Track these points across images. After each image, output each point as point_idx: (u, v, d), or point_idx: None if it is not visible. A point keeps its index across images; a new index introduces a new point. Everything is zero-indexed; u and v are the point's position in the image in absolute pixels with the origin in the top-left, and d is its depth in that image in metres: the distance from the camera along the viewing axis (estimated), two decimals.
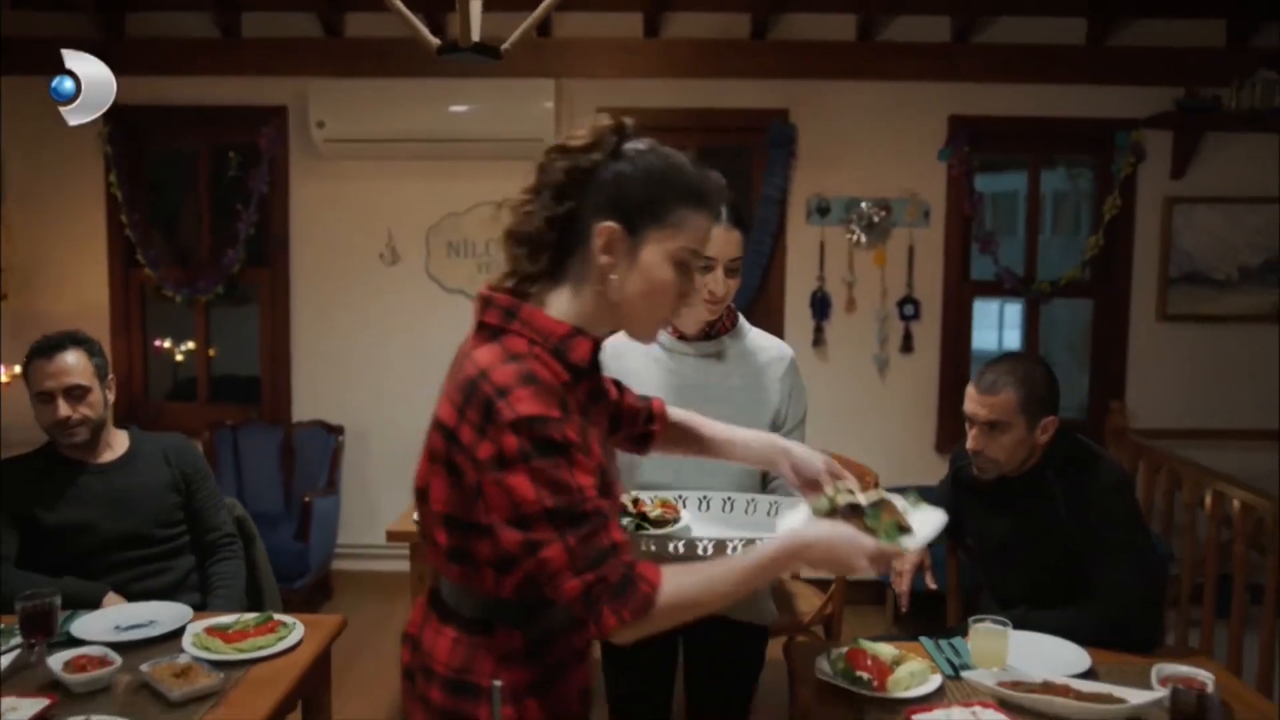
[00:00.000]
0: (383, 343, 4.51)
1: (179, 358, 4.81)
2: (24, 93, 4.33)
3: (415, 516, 1.40)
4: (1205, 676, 1.60)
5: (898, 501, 1.42)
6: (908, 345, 4.40)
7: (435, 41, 2.19)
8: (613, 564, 1.18)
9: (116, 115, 4.35)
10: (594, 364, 1.32)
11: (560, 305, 1.28)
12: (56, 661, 1.68)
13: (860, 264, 4.39)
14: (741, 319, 2.05)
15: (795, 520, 1.52)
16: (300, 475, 4.36)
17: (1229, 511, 3.10)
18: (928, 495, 2.51)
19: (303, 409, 4.52)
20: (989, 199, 4.96)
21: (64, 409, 2.21)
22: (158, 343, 4.75)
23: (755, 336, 2.04)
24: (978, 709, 1.58)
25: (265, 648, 1.82)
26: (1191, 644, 3.28)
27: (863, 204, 4.36)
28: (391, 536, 2.81)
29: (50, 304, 4.47)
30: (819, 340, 4.40)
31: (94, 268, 4.54)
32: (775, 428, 1.93)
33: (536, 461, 1.16)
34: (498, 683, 1.26)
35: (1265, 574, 2.95)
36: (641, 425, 1.57)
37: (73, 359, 2.25)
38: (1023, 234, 4.59)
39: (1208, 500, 3.23)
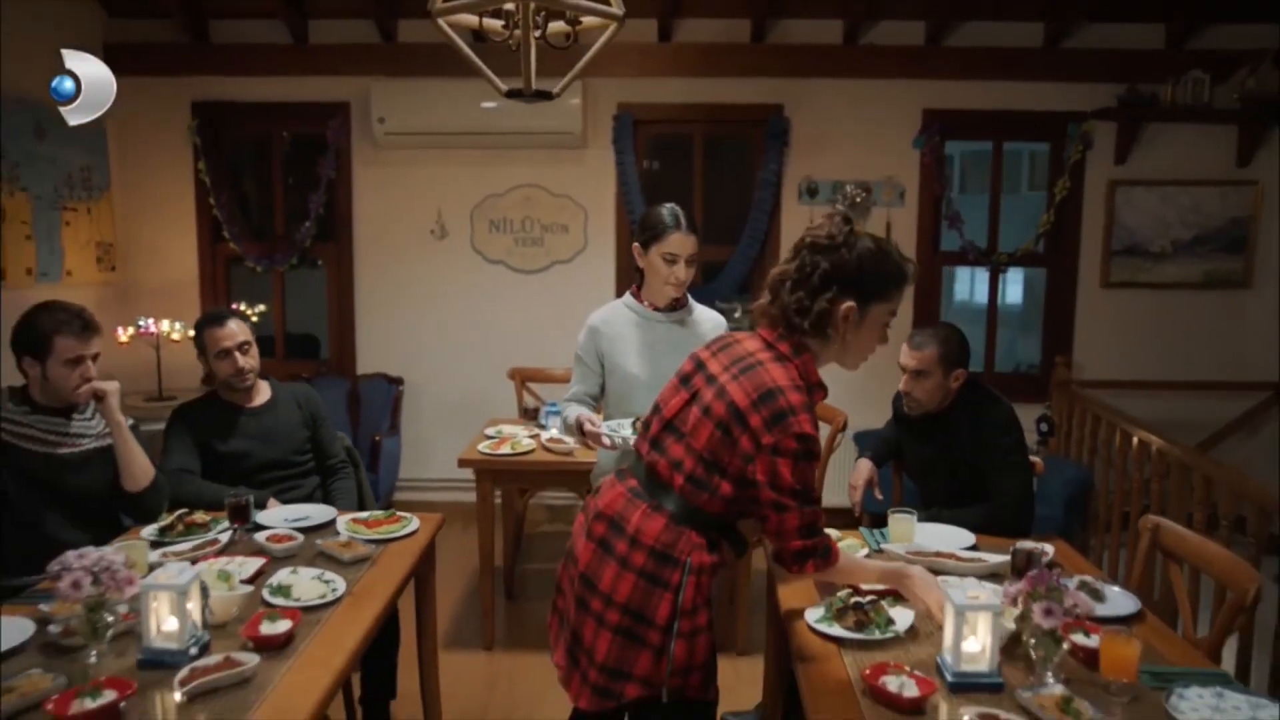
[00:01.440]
0: (434, 305, 5.24)
1: (254, 318, 5.53)
2: (122, 92, 4.99)
3: (651, 431, 1.99)
4: (1046, 548, 2.34)
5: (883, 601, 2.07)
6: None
7: (504, 86, 2.87)
8: (823, 538, 1.87)
9: (204, 110, 5.09)
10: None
11: (814, 347, 1.89)
12: (260, 537, 2.45)
13: None
14: (690, 299, 2.85)
15: None
16: (366, 420, 5.12)
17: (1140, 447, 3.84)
18: (879, 433, 3.23)
19: (366, 363, 5.28)
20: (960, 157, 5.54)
21: (241, 360, 2.96)
22: (234, 305, 5.48)
23: (700, 310, 2.87)
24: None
25: (395, 532, 2.59)
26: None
27: (847, 186, 5.04)
28: (462, 463, 3.56)
29: (149, 275, 5.22)
30: None
31: (185, 243, 5.28)
32: None
33: (801, 463, 1.79)
34: (690, 559, 1.86)
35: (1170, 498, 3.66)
36: None
37: (235, 325, 2.99)
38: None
39: (1118, 438, 3.96)
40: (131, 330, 4.75)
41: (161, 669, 1.77)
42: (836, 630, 1.96)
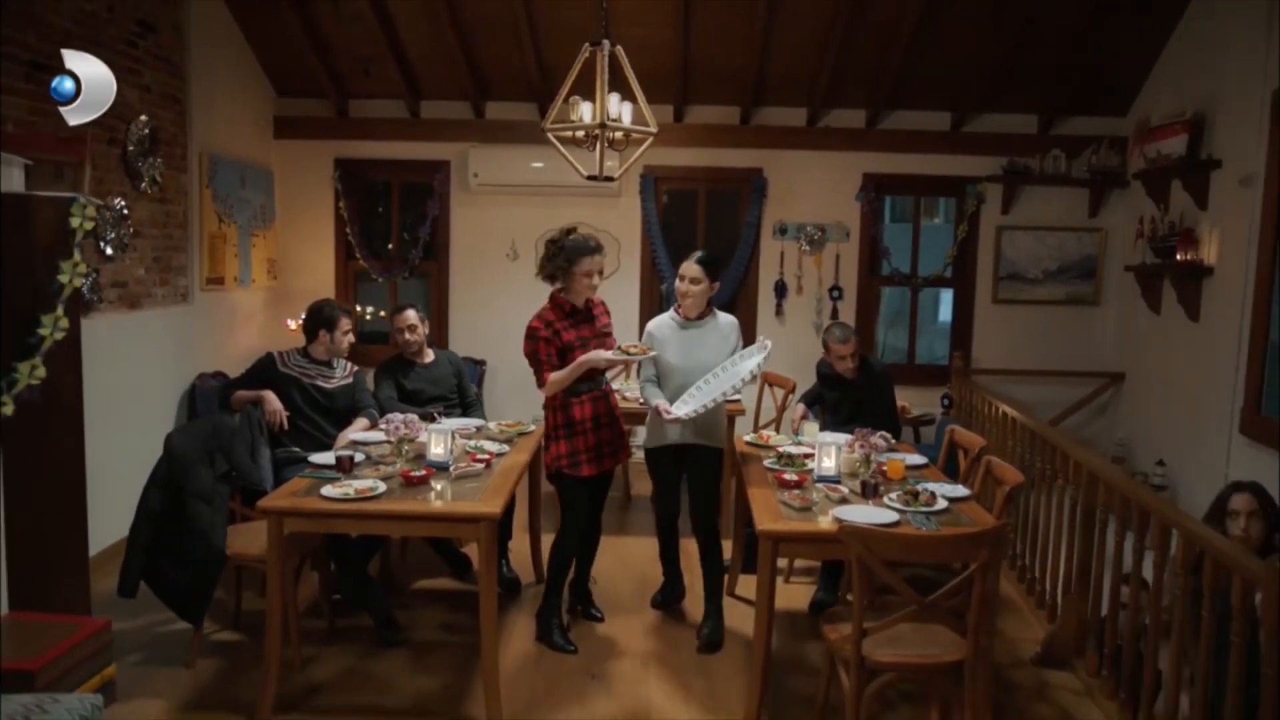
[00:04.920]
0: (507, 310, 7.07)
1: (367, 317, 7.47)
2: (288, 150, 6.99)
3: None
4: (888, 436, 4.23)
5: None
6: (834, 316, 6.99)
7: (584, 171, 4.78)
8: (545, 373, 3.75)
9: (343, 164, 7.03)
10: (576, 311, 3.85)
11: (561, 289, 3.83)
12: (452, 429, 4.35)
13: (805, 265, 7.00)
14: (714, 309, 4.50)
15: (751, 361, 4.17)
16: None
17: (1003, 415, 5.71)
18: (810, 389, 5.13)
19: (457, 349, 7.12)
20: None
21: (406, 335, 4.88)
22: (358, 308, 7.40)
23: (720, 316, 4.43)
24: (803, 448, 4.22)
25: (524, 429, 4.50)
26: None
27: (808, 227, 6.96)
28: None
29: (300, 284, 7.11)
30: (779, 312, 7.01)
31: (325, 259, 7.19)
32: (732, 353, 4.47)
33: (532, 342, 3.77)
34: (551, 405, 3.85)
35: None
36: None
37: (409, 313, 4.91)
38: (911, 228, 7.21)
39: (988, 407, 5.86)
40: (296, 323, 6.66)
41: (437, 469, 3.68)
42: (777, 466, 3.86)
